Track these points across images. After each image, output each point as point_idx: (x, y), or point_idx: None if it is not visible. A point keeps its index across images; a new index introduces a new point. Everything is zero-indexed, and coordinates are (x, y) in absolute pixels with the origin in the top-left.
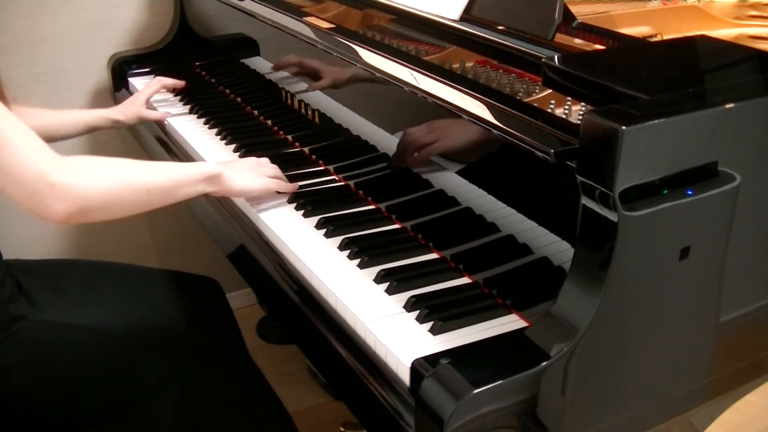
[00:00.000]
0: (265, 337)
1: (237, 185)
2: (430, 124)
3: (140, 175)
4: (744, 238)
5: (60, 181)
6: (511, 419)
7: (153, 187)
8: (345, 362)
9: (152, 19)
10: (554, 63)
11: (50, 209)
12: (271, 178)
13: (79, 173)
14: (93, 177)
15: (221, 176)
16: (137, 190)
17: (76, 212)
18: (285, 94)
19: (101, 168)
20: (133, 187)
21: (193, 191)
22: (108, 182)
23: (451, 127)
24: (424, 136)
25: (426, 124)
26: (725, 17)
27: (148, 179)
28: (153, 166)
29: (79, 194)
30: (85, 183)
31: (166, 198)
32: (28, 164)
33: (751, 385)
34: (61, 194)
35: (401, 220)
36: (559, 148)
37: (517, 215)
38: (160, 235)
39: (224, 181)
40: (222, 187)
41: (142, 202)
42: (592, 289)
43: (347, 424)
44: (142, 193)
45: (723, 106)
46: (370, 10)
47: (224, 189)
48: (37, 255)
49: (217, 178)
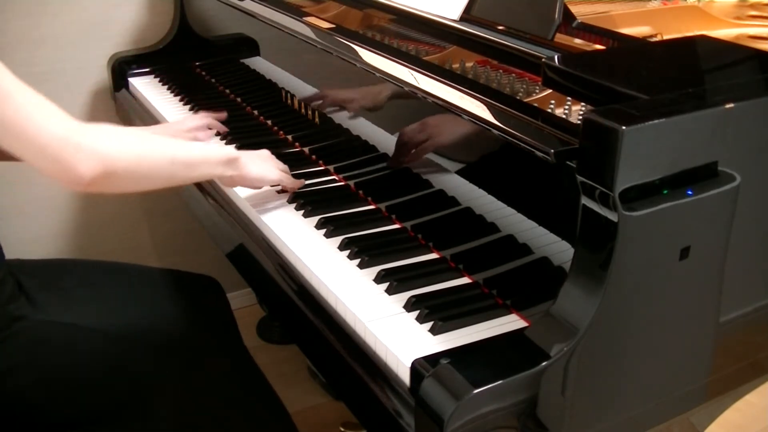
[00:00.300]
0: (265, 337)
1: (253, 172)
2: (424, 122)
3: (165, 145)
4: (744, 238)
5: (86, 142)
6: (511, 419)
7: (176, 159)
8: (345, 362)
9: (152, 19)
10: (554, 63)
11: (76, 170)
12: (281, 170)
13: (105, 136)
14: (118, 140)
15: (239, 161)
16: (161, 160)
17: (101, 174)
18: (285, 94)
19: (126, 133)
20: (157, 155)
21: (211, 172)
22: (134, 146)
23: (443, 124)
24: (418, 134)
25: (419, 122)
26: (725, 17)
27: (172, 151)
28: (176, 140)
29: (105, 155)
30: (111, 145)
31: (187, 173)
32: (51, 127)
33: (751, 385)
34: (88, 154)
35: (401, 220)
36: (559, 148)
37: (517, 215)
38: (160, 235)
39: (242, 167)
40: (239, 173)
41: (164, 173)
42: (592, 289)
43: (347, 424)
44: (166, 164)
45: (723, 106)
46: (370, 10)
47: (241, 174)
48: (37, 255)
49: (236, 162)
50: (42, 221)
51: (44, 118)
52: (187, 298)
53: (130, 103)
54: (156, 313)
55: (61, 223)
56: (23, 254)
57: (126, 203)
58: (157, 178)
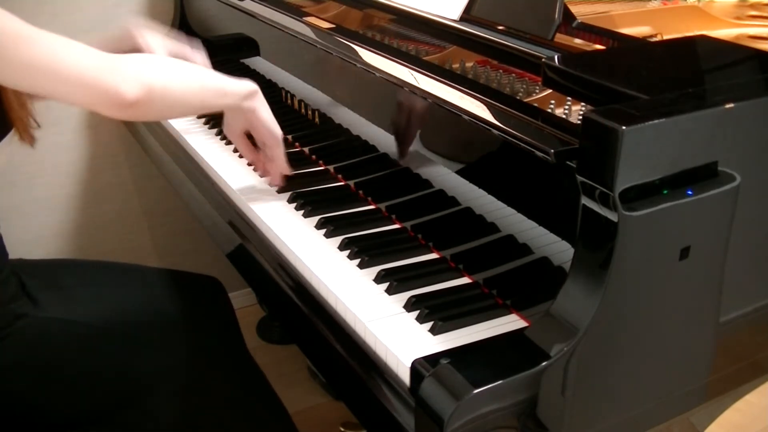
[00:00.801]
0: (265, 337)
1: (266, 113)
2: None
3: (196, 71)
4: (744, 238)
5: (123, 66)
6: (511, 419)
7: (206, 86)
8: (345, 362)
9: (152, 19)
10: (554, 63)
11: (118, 92)
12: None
13: (140, 61)
14: (153, 64)
15: (258, 94)
16: (194, 84)
17: (144, 95)
18: (285, 94)
19: (158, 60)
20: (190, 80)
21: (236, 103)
22: (168, 70)
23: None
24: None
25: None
26: (725, 17)
27: (202, 77)
28: (203, 68)
29: (145, 77)
30: (148, 68)
31: (216, 101)
32: (86, 59)
33: (751, 385)
34: (127, 76)
35: (401, 220)
36: (559, 148)
37: (517, 215)
38: (160, 235)
39: (261, 101)
40: (258, 106)
41: (196, 99)
42: (592, 289)
43: (347, 424)
44: (198, 89)
45: (723, 106)
46: (370, 10)
47: (258, 108)
48: (38, 255)
49: (256, 95)
50: (42, 221)
51: (76, 52)
52: (189, 298)
53: None
54: (157, 313)
55: (61, 223)
56: (23, 254)
57: (126, 203)
58: (190, 104)
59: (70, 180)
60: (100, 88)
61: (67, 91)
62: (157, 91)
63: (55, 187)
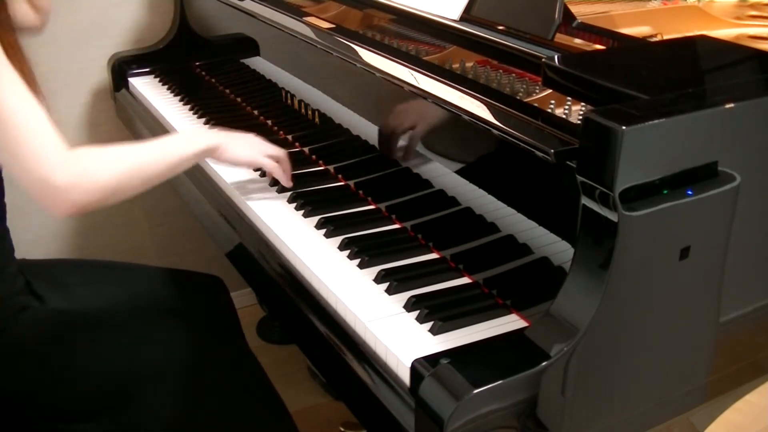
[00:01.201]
0: (265, 337)
1: (231, 158)
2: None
3: (140, 161)
4: (744, 239)
5: (62, 187)
6: (511, 419)
7: (152, 175)
8: (345, 362)
9: (152, 19)
10: (554, 63)
11: (48, 209)
12: (269, 157)
13: (82, 178)
14: (95, 178)
15: (218, 149)
16: (138, 179)
17: (73, 213)
18: (285, 94)
19: (106, 163)
20: (135, 177)
21: (190, 165)
22: (110, 181)
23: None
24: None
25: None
26: (725, 17)
27: (148, 166)
28: (154, 145)
29: (78, 200)
30: (87, 188)
31: (167, 175)
32: (37, 164)
33: (751, 385)
34: (61, 200)
35: (401, 220)
36: (559, 148)
37: (517, 215)
38: (160, 235)
39: (222, 153)
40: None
41: (143, 187)
42: (592, 289)
43: (347, 424)
44: (140, 183)
45: (723, 106)
46: (370, 10)
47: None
48: (38, 255)
49: (216, 151)
50: (42, 221)
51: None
52: (191, 296)
53: (130, 103)
54: (159, 311)
55: (61, 223)
56: (24, 254)
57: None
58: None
59: None
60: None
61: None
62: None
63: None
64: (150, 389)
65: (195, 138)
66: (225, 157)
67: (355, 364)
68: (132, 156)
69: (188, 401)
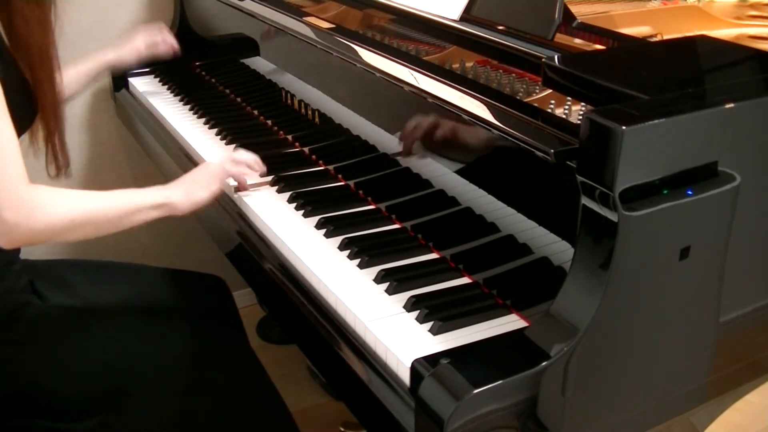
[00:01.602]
0: (265, 337)
1: (187, 207)
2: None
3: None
4: (744, 238)
5: (11, 220)
6: (511, 419)
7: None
8: (345, 362)
9: (152, 19)
10: (554, 63)
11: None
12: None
13: (33, 212)
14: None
15: (170, 204)
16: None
17: (17, 245)
18: (285, 94)
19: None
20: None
21: (146, 218)
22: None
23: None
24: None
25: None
26: (725, 17)
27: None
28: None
29: (19, 239)
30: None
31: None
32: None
33: (751, 385)
34: (7, 231)
35: (401, 220)
36: (559, 148)
37: (517, 215)
38: (160, 235)
39: (175, 206)
40: (175, 211)
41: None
42: (592, 289)
43: (347, 424)
44: (97, 226)
45: (723, 106)
46: (370, 10)
47: (177, 211)
48: (40, 255)
49: (168, 205)
50: None
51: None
52: (192, 297)
53: (130, 103)
54: (160, 310)
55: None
56: (25, 255)
57: None
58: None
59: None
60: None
61: None
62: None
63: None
64: (151, 388)
65: (153, 192)
66: (184, 208)
67: (355, 364)
68: (87, 202)
69: (189, 400)
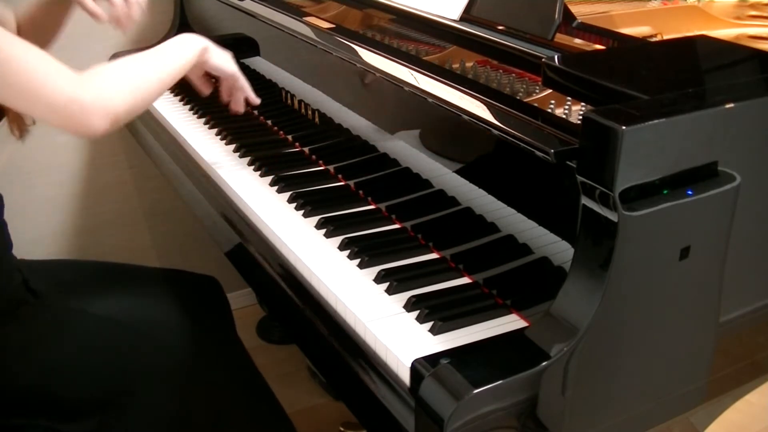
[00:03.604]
0: (265, 337)
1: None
2: None
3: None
4: (744, 238)
5: (89, 100)
6: (511, 419)
7: (164, 77)
8: (345, 362)
9: (152, 19)
10: (554, 63)
11: (89, 129)
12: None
13: (103, 87)
14: (115, 87)
15: (209, 50)
16: (152, 84)
17: (111, 124)
18: (285, 94)
19: (118, 75)
20: (148, 84)
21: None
22: (129, 87)
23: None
24: None
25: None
26: (725, 17)
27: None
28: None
29: (110, 109)
30: (111, 95)
31: (175, 78)
32: (56, 89)
33: (751, 385)
34: (95, 113)
35: (401, 220)
36: (559, 148)
37: (517, 215)
38: (160, 235)
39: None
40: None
41: (158, 93)
42: (592, 289)
43: (347, 424)
44: (156, 86)
45: (723, 106)
46: (370, 10)
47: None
48: (38, 255)
49: (207, 51)
50: (42, 222)
51: (47, 79)
52: (186, 297)
53: None
54: (153, 311)
55: (61, 224)
56: (24, 254)
57: (126, 203)
58: (154, 98)
59: (70, 180)
60: (71, 122)
61: (42, 116)
62: (123, 114)
63: (55, 187)
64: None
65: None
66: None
67: (355, 364)
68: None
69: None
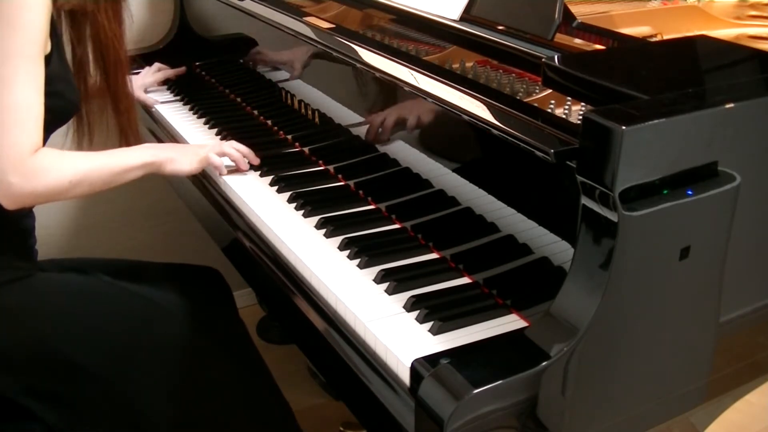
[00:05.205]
0: (265, 337)
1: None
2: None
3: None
4: (744, 238)
5: (15, 185)
6: (511, 419)
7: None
8: (345, 362)
9: (152, 19)
10: (554, 63)
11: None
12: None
13: (36, 179)
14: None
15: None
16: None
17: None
18: (285, 94)
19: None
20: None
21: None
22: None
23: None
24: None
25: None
26: (725, 17)
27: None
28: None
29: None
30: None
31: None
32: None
33: (751, 385)
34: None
35: (401, 220)
36: (559, 148)
37: (517, 215)
38: (160, 235)
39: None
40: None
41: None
42: (592, 289)
43: (347, 424)
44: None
45: (723, 106)
46: (370, 10)
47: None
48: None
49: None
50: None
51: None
52: (189, 285)
53: None
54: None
55: (61, 223)
56: None
57: (126, 203)
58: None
59: None
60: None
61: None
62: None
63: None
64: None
65: (141, 152)
66: (166, 170)
67: (355, 364)
68: (83, 164)
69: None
